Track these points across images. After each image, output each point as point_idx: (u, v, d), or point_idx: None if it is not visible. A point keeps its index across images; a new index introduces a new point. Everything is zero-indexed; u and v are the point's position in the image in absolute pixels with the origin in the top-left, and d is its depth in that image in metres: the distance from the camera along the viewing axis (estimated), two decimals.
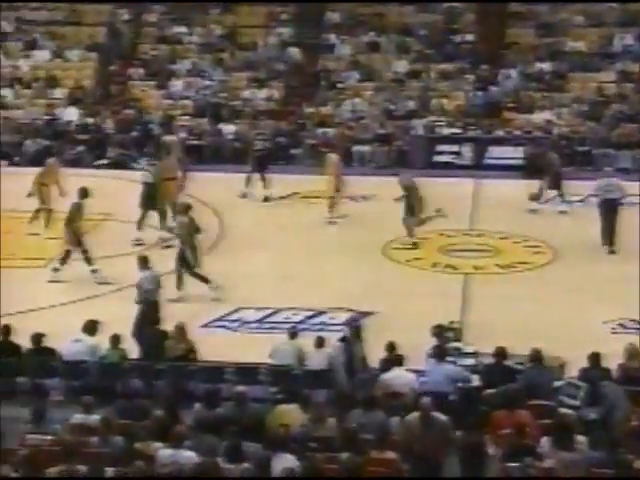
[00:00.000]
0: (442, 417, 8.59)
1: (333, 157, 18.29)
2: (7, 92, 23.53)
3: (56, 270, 14.52)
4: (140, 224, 16.26)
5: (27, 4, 25.66)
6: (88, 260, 14.54)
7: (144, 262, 12.83)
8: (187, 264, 13.85)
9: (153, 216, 16.43)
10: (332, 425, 8.77)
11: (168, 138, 19.72)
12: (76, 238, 14.43)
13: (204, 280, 13.84)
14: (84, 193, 14.97)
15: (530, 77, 23.71)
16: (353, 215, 17.94)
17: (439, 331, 10.91)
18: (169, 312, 11.73)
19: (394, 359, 10.31)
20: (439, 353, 10.28)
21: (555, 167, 18.16)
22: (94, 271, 14.48)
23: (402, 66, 24.28)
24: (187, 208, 14.43)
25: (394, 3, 25.65)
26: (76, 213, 14.56)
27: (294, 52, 24.60)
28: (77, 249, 14.48)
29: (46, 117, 22.78)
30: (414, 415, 8.57)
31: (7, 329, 11.09)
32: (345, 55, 24.84)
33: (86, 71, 24.50)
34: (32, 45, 24.73)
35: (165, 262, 14.18)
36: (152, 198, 16.27)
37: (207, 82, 23.97)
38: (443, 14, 25.38)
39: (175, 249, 14.17)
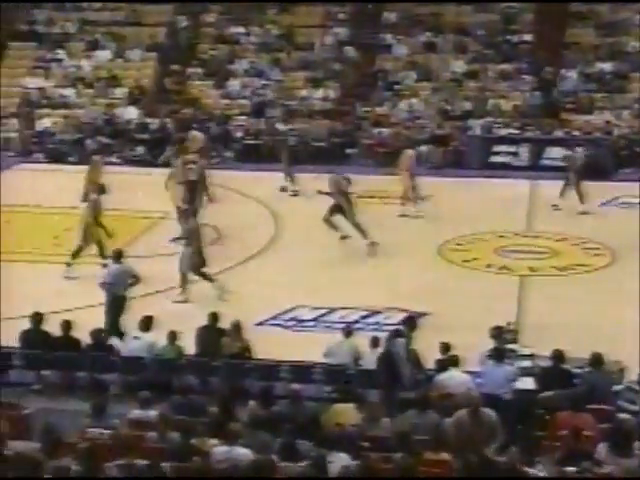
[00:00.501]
0: (491, 413, 8.51)
1: (409, 152, 18.17)
2: (69, 91, 23.92)
3: (69, 265, 14.63)
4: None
5: (91, 5, 26.04)
6: (74, 255, 14.54)
7: (118, 255, 12.79)
8: (193, 265, 13.76)
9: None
10: (386, 425, 8.75)
11: (194, 134, 19.79)
12: (85, 234, 14.49)
13: (210, 279, 13.82)
14: (102, 189, 15.00)
15: (590, 77, 23.38)
16: (409, 215, 17.87)
17: (498, 332, 10.80)
18: (224, 309, 11.78)
19: (449, 360, 10.24)
20: (498, 354, 10.16)
21: (577, 166, 17.84)
22: (68, 265, 14.53)
23: (459, 66, 24.13)
24: (195, 211, 14.24)
25: (451, 3, 25.48)
26: (93, 209, 14.65)
27: (350, 51, 24.60)
28: (84, 244, 14.57)
29: (106, 116, 23.11)
30: (463, 411, 8.51)
31: (67, 324, 11.26)
32: (402, 55, 24.77)
33: (146, 71, 24.79)
34: (94, 45, 25.10)
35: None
36: (194, 195, 16.34)
37: (264, 82, 24.09)
38: (501, 14, 25.16)
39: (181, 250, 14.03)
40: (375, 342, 11.05)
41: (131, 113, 23.32)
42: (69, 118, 23.14)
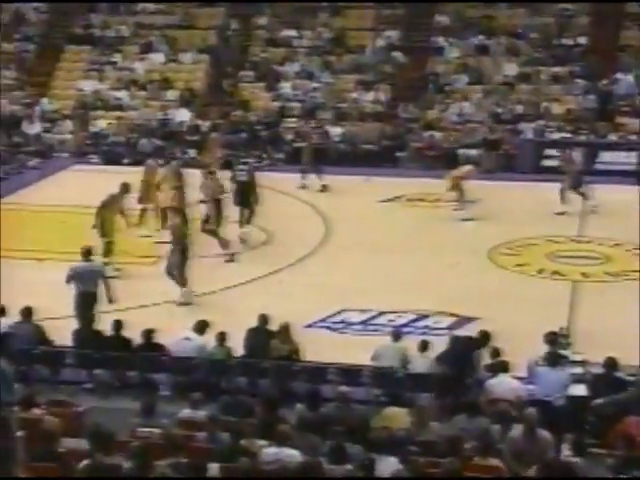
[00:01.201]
0: (546, 434, 8.39)
1: (468, 168, 18.14)
2: (123, 94, 24.22)
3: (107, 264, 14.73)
4: (241, 222, 16.47)
5: (145, 9, 26.33)
6: (107, 253, 14.59)
7: (87, 253, 12.69)
8: (167, 265, 13.70)
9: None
10: (435, 429, 8.71)
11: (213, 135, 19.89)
12: (104, 230, 14.56)
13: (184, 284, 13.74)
14: (125, 188, 15.08)
15: None
16: (458, 219, 17.76)
17: (553, 338, 10.65)
18: (274, 311, 11.82)
19: (498, 365, 10.15)
20: (552, 359, 10.03)
21: (575, 167, 17.63)
22: (106, 264, 14.48)
23: (512, 69, 23.94)
24: (180, 210, 14.16)
25: (504, 5, 25.29)
26: (109, 203, 14.72)
27: (401, 54, 24.57)
28: (103, 239, 14.63)
29: (159, 118, 23.35)
30: (518, 429, 8.40)
31: (119, 324, 11.39)
32: (453, 58, 24.64)
33: (198, 73, 25.00)
34: (148, 48, 25.38)
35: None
36: (246, 196, 16.40)
37: (315, 84, 24.14)
38: (555, 16, 24.90)
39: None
40: (424, 346, 10.99)
41: (183, 115, 23.54)
42: (122, 120, 23.42)
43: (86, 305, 12.03)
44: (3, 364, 8.22)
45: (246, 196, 16.49)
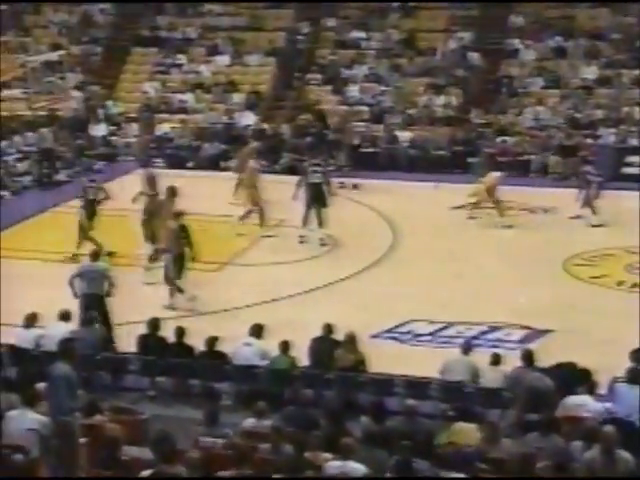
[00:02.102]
0: (627, 456, 8.22)
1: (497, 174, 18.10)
2: (188, 97, 24.52)
3: (148, 269, 14.87)
4: (305, 223, 16.60)
5: (212, 11, 26.65)
6: (152, 259, 14.75)
7: (95, 255, 12.92)
8: (171, 271, 13.69)
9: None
10: (506, 446, 8.61)
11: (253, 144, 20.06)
12: (152, 235, 14.64)
13: (180, 290, 13.78)
14: (172, 192, 15.23)
15: None
16: (532, 228, 17.58)
17: (639, 356, 10.40)
18: (341, 320, 11.83)
19: (588, 385, 9.94)
20: (632, 376, 9.81)
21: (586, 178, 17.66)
22: (148, 269, 14.75)
23: (591, 72, 23.59)
24: (178, 215, 14.12)
25: (585, 5, 24.96)
26: (158, 209, 14.82)
27: (474, 57, 24.40)
28: (151, 245, 14.73)
29: (224, 121, 23.58)
30: (596, 450, 8.24)
31: (181, 331, 11.52)
32: (529, 60, 24.39)
33: (264, 76, 25.18)
34: (214, 51, 25.67)
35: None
36: (318, 198, 16.49)
37: (383, 88, 24.13)
38: (639, 16, 24.45)
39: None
40: (496, 359, 10.88)
41: (248, 119, 23.74)
42: (187, 123, 23.71)
43: (90, 306, 12.24)
44: (66, 369, 8.36)
45: (319, 198, 16.55)
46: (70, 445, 7.57)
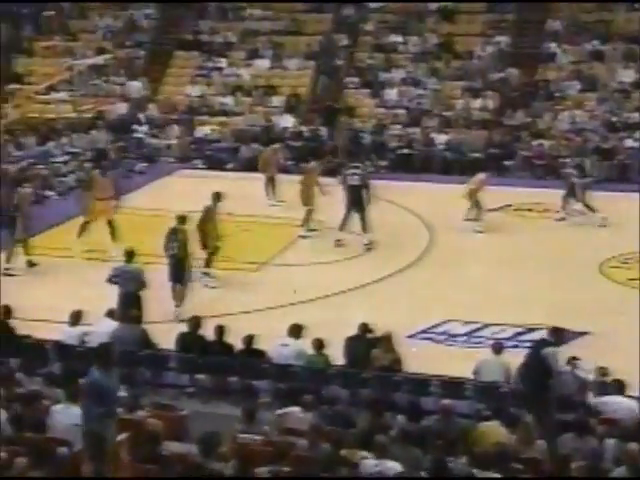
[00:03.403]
0: None
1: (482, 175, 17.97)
2: (228, 99, 24.64)
3: (206, 274, 14.84)
4: (343, 225, 16.58)
5: (252, 15, 26.75)
6: (207, 263, 14.76)
7: (130, 255, 13.03)
8: (181, 278, 13.54)
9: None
10: (541, 447, 8.55)
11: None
12: (204, 241, 14.67)
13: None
14: (217, 197, 15.23)
15: None
16: (568, 230, 17.43)
17: None
18: (377, 320, 11.82)
19: (617, 386, 9.87)
20: None
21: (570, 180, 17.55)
22: (206, 274, 14.76)
23: (628, 75, 23.33)
24: (183, 219, 13.99)
25: (622, 9, 24.68)
26: (207, 217, 14.87)
27: (511, 60, 24.29)
28: (205, 251, 14.74)
29: (263, 124, 23.65)
30: (635, 449, 8.15)
31: (221, 329, 11.57)
32: (566, 64, 24.19)
33: (303, 79, 25.23)
34: (254, 54, 25.77)
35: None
36: (356, 201, 16.51)
37: (420, 91, 24.06)
38: None
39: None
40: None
41: (287, 121, 23.79)
42: (227, 125, 23.82)
43: (128, 305, 12.36)
44: (98, 376, 8.33)
45: (359, 201, 16.55)
46: (98, 451, 7.62)
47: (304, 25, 26.39)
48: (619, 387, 9.74)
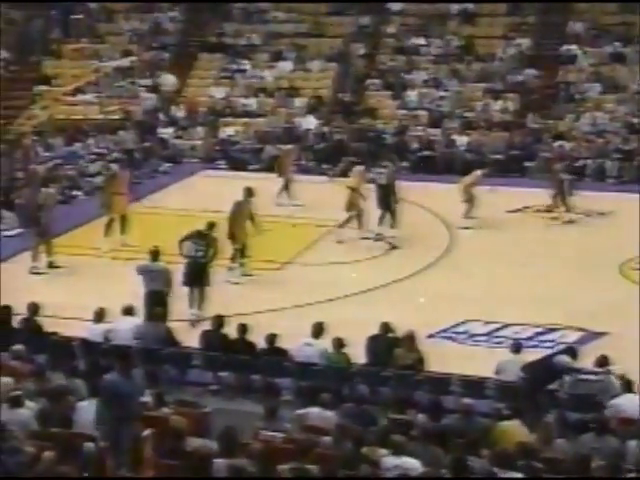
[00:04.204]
0: None
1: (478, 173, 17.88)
2: (252, 101, 24.67)
3: (230, 269, 14.87)
4: (380, 222, 16.66)
5: (276, 17, 26.77)
6: (234, 257, 14.72)
7: (155, 254, 12.96)
8: (203, 281, 13.36)
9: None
10: (561, 447, 8.49)
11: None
12: (233, 235, 14.64)
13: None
14: (249, 192, 15.21)
15: None
16: (589, 231, 17.31)
17: None
18: (398, 319, 11.78)
19: (625, 384, 9.82)
20: None
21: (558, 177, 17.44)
22: (247, 274, 14.77)
23: None
24: (212, 226, 13.78)
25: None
26: (238, 212, 14.86)
27: (532, 62, 24.17)
28: (234, 245, 14.73)
29: (286, 125, 23.66)
30: None
31: (243, 328, 11.58)
32: (587, 66, 24.03)
33: (325, 81, 25.22)
34: (277, 56, 25.79)
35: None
36: (386, 199, 16.42)
37: (442, 93, 23.98)
38: None
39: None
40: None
41: (309, 123, 23.78)
42: (250, 127, 23.84)
43: (153, 303, 12.38)
44: (114, 380, 8.31)
45: (386, 199, 16.48)
46: (119, 456, 7.63)
47: (326, 28, 26.38)
48: (627, 385, 9.69)
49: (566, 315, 13.37)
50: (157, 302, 12.46)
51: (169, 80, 25.30)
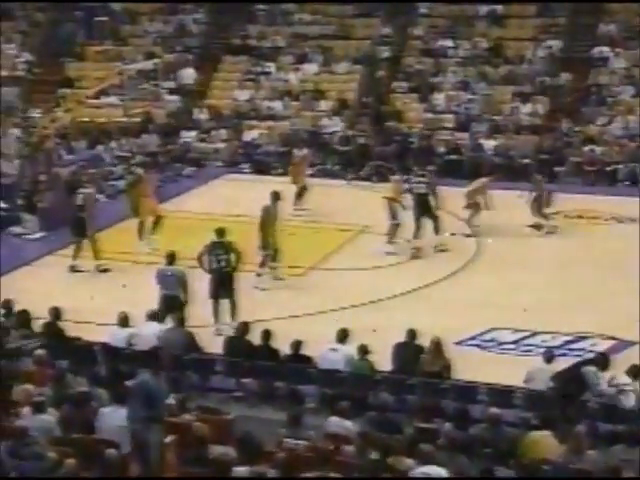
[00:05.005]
0: None
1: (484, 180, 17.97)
2: (276, 104, 24.72)
3: (259, 275, 14.91)
4: (416, 233, 16.55)
5: (301, 19, 26.83)
6: (263, 263, 14.75)
7: (171, 257, 13.01)
8: (231, 291, 13.23)
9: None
10: (592, 458, 8.43)
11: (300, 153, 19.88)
12: (264, 242, 14.66)
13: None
14: (276, 197, 15.20)
15: None
16: (620, 237, 17.17)
17: None
18: (424, 326, 11.76)
19: None
20: None
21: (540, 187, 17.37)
22: (279, 278, 14.79)
23: None
24: (223, 232, 13.63)
25: None
26: (267, 216, 14.86)
27: (562, 65, 24.05)
28: (264, 252, 14.75)
29: (311, 128, 23.68)
30: None
31: (267, 334, 11.60)
32: (619, 68, 23.87)
33: (351, 84, 25.22)
34: (302, 59, 25.82)
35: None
36: (424, 208, 16.45)
37: (470, 96, 23.92)
38: None
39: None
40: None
41: (335, 126, 23.77)
42: (275, 130, 23.87)
43: (169, 307, 12.42)
44: (147, 379, 8.35)
45: (425, 208, 16.46)
46: (144, 453, 7.67)
47: (352, 29, 26.39)
48: None
49: (597, 323, 13.28)
50: (172, 306, 12.48)
51: (189, 74, 25.41)
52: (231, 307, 13.25)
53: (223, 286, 13.22)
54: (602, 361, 10.66)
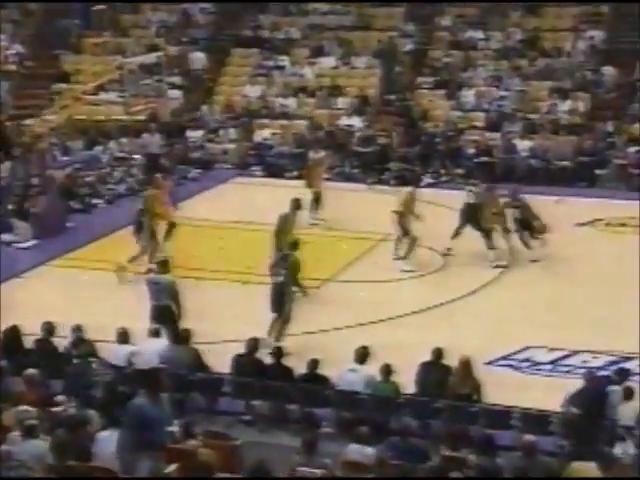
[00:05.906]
0: None
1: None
2: (290, 101, 24.79)
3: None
4: (454, 236, 16.70)
5: (317, 9, 26.93)
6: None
7: (163, 265, 13.11)
8: (279, 307, 13.29)
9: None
10: None
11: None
12: (278, 249, 14.70)
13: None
14: (296, 205, 15.28)
15: None
16: None
17: None
18: (451, 344, 11.75)
19: None
20: None
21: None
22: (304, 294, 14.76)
23: None
24: (295, 245, 13.81)
25: None
26: (284, 225, 14.91)
27: (605, 58, 24.02)
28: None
29: (328, 128, 23.73)
30: None
31: (279, 351, 11.62)
32: None
33: (372, 79, 25.27)
34: (319, 52, 25.89)
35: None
36: (471, 218, 16.55)
37: (502, 92, 23.93)
38: None
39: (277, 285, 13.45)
40: (629, 394, 10.63)
41: (354, 125, 23.81)
42: (289, 129, 23.93)
43: (158, 319, 12.52)
44: (141, 404, 8.35)
45: (474, 219, 16.54)
46: None
47: (373, 20, 26.46)
48: None
49: None
50: (161, 318, 12.55)
51: (198, 58, 25.50)
52: (276, 324, 13.30)
53: (274, 301, 13.36)
54: (621, 375, 10.69)
